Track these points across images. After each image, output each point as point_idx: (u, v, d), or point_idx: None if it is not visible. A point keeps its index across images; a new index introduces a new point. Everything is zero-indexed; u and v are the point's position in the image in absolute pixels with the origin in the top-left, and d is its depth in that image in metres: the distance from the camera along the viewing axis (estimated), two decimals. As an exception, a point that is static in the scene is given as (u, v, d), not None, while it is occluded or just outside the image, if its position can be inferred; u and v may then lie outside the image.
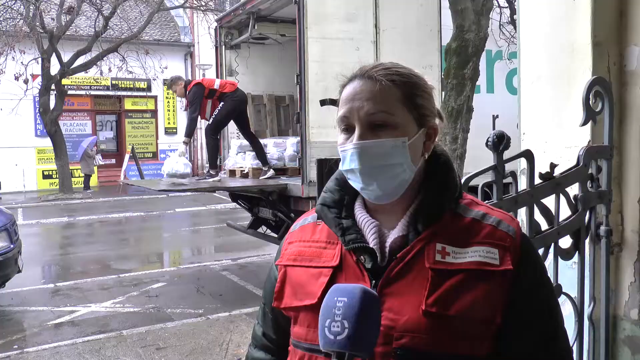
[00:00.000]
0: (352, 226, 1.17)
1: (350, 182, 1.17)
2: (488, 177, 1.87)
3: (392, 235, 1.14)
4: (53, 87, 16.36)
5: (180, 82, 7.69)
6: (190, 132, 7.55)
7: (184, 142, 7.55)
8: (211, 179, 7.38)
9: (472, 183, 1.83)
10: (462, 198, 1.19)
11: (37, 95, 17.01)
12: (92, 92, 20.76)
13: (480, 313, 1.07)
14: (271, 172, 7.23)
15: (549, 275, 1.24)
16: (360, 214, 1.19)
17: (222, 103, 7.40)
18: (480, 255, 1.09)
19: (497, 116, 7.98)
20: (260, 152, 7.43)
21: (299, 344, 1.18)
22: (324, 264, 1.17)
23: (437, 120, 1.19)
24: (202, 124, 23.98)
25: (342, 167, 1.16)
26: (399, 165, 1.12)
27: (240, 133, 7.97)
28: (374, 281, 1.11)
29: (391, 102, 1.11)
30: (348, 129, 1.14)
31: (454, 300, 1.07)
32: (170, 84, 7.89)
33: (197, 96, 7.33)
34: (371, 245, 1.14)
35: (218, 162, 7.93)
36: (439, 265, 1.09)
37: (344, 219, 1.18)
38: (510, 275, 1.09)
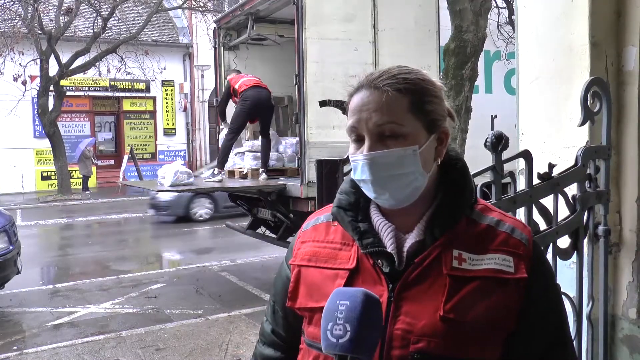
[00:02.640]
0: (369, 230, 1.17)
1: (363, 190, 1.17)
2: (487, 178, 1.87)
3: (409, 240, 1.15)
4: (51, 88, 16.34)
5: (230, 76, 7.99)
6: (220, 117, 8.09)
7: (221, 128, 8.04)
8: (213, 179, 7.38)
9: (471, 183, 1.83)
10: (476, 203, 1.20)
11: (36, 96, 17.00)
12: (91, 93, 20.75)
13: (495, 319, 1.09)
14: (264, 176, 7.22)
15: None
16: (376, 217, 1.19)
17: (237, 103, 7.49)
18: (496, 263, 1.11)
19: (496, 116, 8.00)
20: (263, 154, 7.41)
21: (313, 344, 1.18)
22: (340, 266, 1.17)
23: (447, 121, 1.18)
24: (201, 125, 23.76)
25: (353, 176, 1.16)
26: (410, 173, 1.12)
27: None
28: (391, 285, 1.12)
29: (399, 112, 1.10)
30: (358, 138, 1.14)
31: (470, 307, 1.08)
32: (227, 74, 8.33)
33: (224, 91, 7.85)
34: (389, 250, 1.14)
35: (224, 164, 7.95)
36: (456, 272, 1.10)
37: (360, 222, 1.18)
38: (523, 283, 1.11)
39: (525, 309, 1.11)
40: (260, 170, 7.34)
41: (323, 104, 5.22)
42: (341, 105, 1.22)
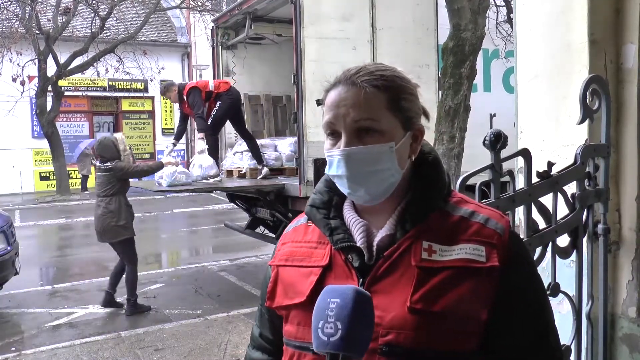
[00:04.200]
0: (340, 226, 1.19)
1: (337, 186, 1.18)
2: (485, 176, 1.87)
3: (380, 234, 1.16)
4: (50, 88, 16.32)
5: (174, 87, 7.69)
6: (201, 127, 7.52)
7: (199, 138, 7.54)
8: (212, 180, 7.37)
9: (470, 182, 1.83)
10: (451, 196, 1.20)
11: (34, 96, 16.97)
12: (89, 93, 20.72)
13: (465, 309, 1.08)
14: (266, 170, 7.23)
15: (539, 273, 1.24)
16: (348, 214, 1.21)
17: (219, 102, 7.41)
18: (467, 253, 1.10)
19: (495, 115, 8.00)
20: (255, 151, 7.43)
21: (289, 342, 1.19)
22: (314, 264, 1.19)
23: (422, 119, 1.20)
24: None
25: (328, 171, 1.17)
26: (386, 170, 1.13)
27: (236, 132, 7.97)
28: (361, 279, 1.12)
29: (376, 109, 1.11)
30: (334, 134, 1.15)
31: (439, 297, 1.08)
32: (163, 90, 7.90)
33: (197, 98, 7.42)
34: (358, 244, 1.15)
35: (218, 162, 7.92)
36: (425, 263, 1.10)
37: (332, 219, 1.20)
38: (497, 273, 1.10)
39: (500, 299, 1.10)
40: (259, 167, 7.33)
41: (319, 102, 5.21)
42: None
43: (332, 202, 1.22)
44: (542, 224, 2.02)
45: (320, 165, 5.54)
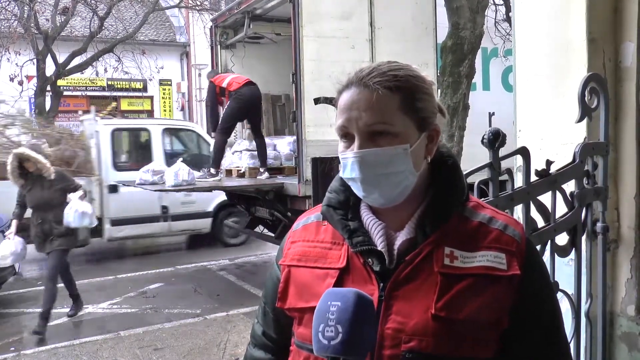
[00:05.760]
0: (359, 228, 1.16)
1: (352, 189, 1.16)
2: (484, 175, 1.87)
3: (400, 238, 1.13)
4: (48, 88, 16.30)
5: (211, 76, 7.87)
6: (213, 126, 7.56)
7: (212, 137, 7.60)
8: (211, 179, 7.36)
9: (468, 180, 1.82)
10: (468, 200, 1.18)
11: (33, 96, 16.94)
12: (88, 93, 20.73)
13: (487, 317, 1.08)
14: (266, 175, 7.22)
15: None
16: (366, 216, 1.18)
17: (229, 102, 7.40)
18: (488, 260, 1.10)
19: (493, 113, 8.00)
20: (261, 153, 7.40)
21: (303, 345, 1.17)
22: (330, 265, 1.16)
23: (438, 117, 1.17)
24: (199, 124, 23.90)
25: (343, 174, 1.15)
26: (400, 172, 1.10)
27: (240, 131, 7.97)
28: (382, 284, 1.10)
29: (389, 111, 1.08)
30: (347, 136, 1.12)
31: (462, 305, 1.07)
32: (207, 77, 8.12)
33: (209, 94, 7.58)
34: (379, 248, 1.13)
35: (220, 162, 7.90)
36: (447, 270, 1.09)
37: (350, 220, 1.17)
38: (517, 280, 1.10)
39: (517, 305, 1.10)
40: (261, 169, 7.32)
41: (317, 101, 5.21)
42: (333, 103, 1.20)
43: (349, 202, 1.19)
44: (540, 222, 2.02)
45: (319, 164, 5.53)
